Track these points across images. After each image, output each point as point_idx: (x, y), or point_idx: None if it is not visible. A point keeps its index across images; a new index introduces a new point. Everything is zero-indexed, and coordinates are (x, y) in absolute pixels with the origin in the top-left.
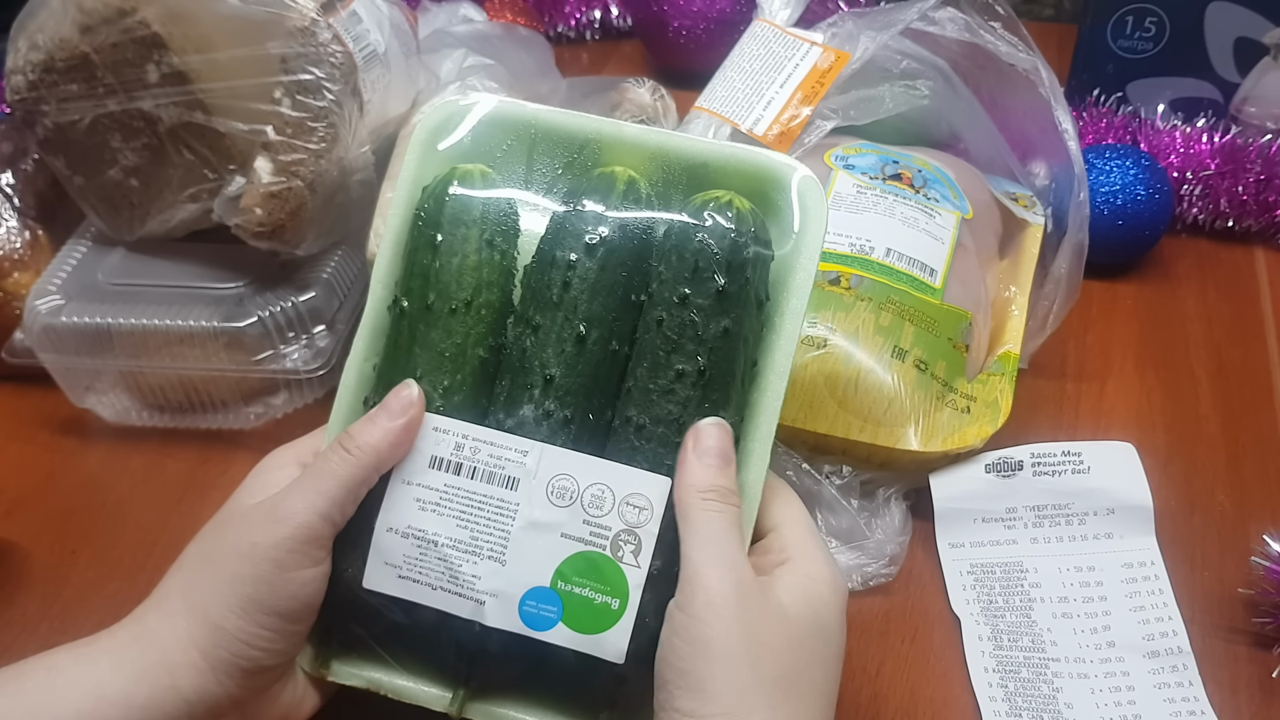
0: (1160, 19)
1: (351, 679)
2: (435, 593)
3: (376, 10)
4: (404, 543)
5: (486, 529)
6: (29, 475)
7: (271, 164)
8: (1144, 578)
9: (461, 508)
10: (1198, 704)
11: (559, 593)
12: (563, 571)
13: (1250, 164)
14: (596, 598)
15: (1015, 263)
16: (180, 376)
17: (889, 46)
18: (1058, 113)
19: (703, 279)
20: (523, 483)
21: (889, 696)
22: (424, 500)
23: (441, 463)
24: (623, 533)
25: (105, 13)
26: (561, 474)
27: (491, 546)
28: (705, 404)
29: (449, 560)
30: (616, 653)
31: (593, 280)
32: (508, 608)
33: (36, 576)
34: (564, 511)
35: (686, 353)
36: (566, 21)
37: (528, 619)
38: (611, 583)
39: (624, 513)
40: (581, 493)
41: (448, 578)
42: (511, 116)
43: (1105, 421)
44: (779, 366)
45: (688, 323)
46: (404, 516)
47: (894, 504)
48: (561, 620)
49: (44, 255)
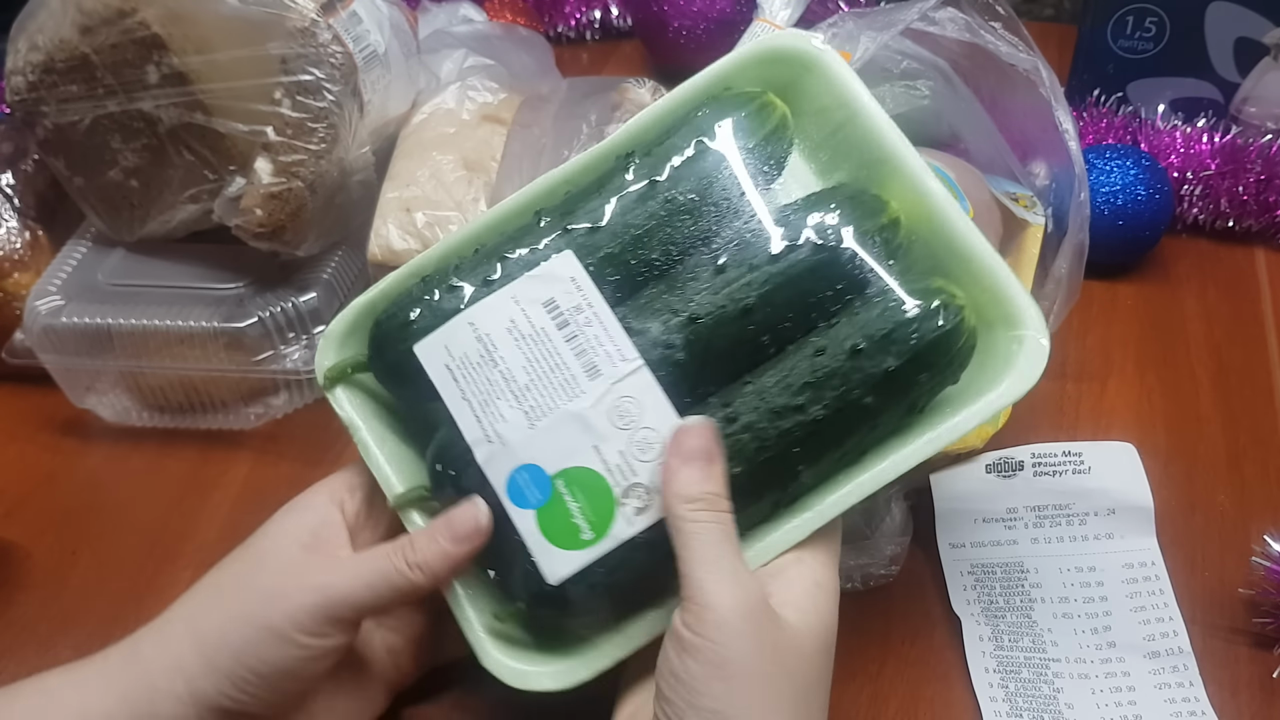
0: (1160, 19)
1: (341, 406)
2: (461, 401)
3: (376, 11)
4: (474, 344)
5: (543, 390)
6: (29, 475)
7: (272, 165)
8: (1144, 578)
9: (539, 356)
10: (1198, 704)
11: (553, 487)
12: (570, 474)
13: (1250, 164)
14: (578, 517)
15: (1015, 263)
16: (180, 377)
17: (889, 46)
18: (1058, 113)
19: (884, 348)
20: (602, 379)
21: (889, 697)
22: (517, 326)
23: (555, 311)
24: (641, 487)
25: (105, 14)
26: (635, 399)
27: (535, 405)
28: (795, 447)
29: (494, 387)
30: (554, 574)
31: (796, 274)
32: (503, 462)
33: (36, 577)
34: (612, 430)
35: (818, 395)
36: (566, 21)
37: (511, 485)
38: (599, 517)
39: (656, 473)
40: (638, 427)
41: (481, 399)
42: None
43: (1106, 422)
44: (882, 469)
45: (840, 371)
46: (491, 324)
47: (894, 504)
48: (536, 510)
49: (44, 256)
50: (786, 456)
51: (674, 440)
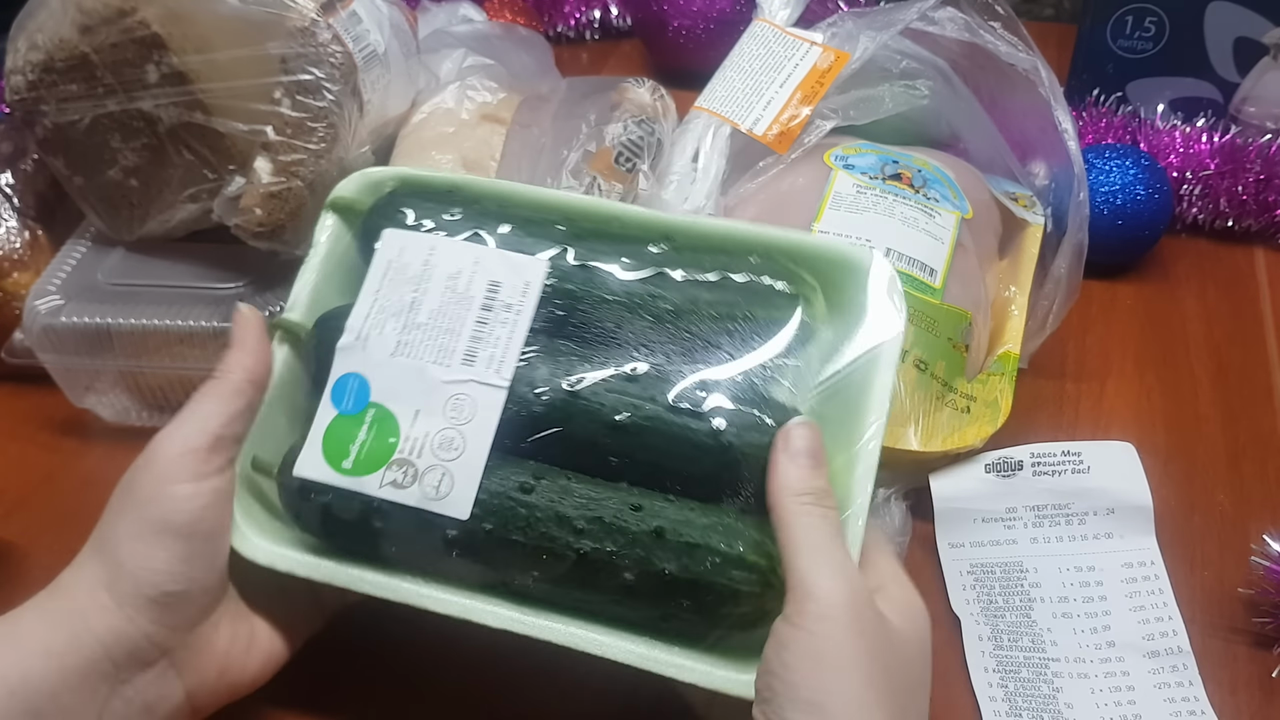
0: (1160, 19)
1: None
2: (371, 294)
3: (376, 10)
4: (419, 265)
5: (426, 338)
6: (29, 475)
7: (271, 164)
8: (1144, 577)
9: (448, 314)
10: (1198, 704)
11: (363, 411)
12: (382, 411)
13: (1250, 164)
14: (354, 446)
15: (1015, 263)
16: (180, 376)
17: (889, 46)
18: (1057, 112)
19: (679, 555)
20: (469, 370)
21: None
22: (457, 280)
23: (492, 293)
24: (413, 469)
25: (105, 13)
26: (474, 408)
27: (410, 344)
28: (543, 555)
29: (399, 305)
30: (301, 469)
31: (675, 435)
32: (350, 360)
33: (36, 577)
34: (440, 411)
35: (595, 536)
36: (566, 21)
37: (340, 381)
38: (368, 462)
39: (434, 473)
40: (456, 427)
41: (382, 305)
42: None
43: (1105, 421)
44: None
45: (630, 533)
46: (443, 262)
47: (894, 504)
48: (337, 415)
49: (44, 255)
50: (530, 556)
51: (781, 437)
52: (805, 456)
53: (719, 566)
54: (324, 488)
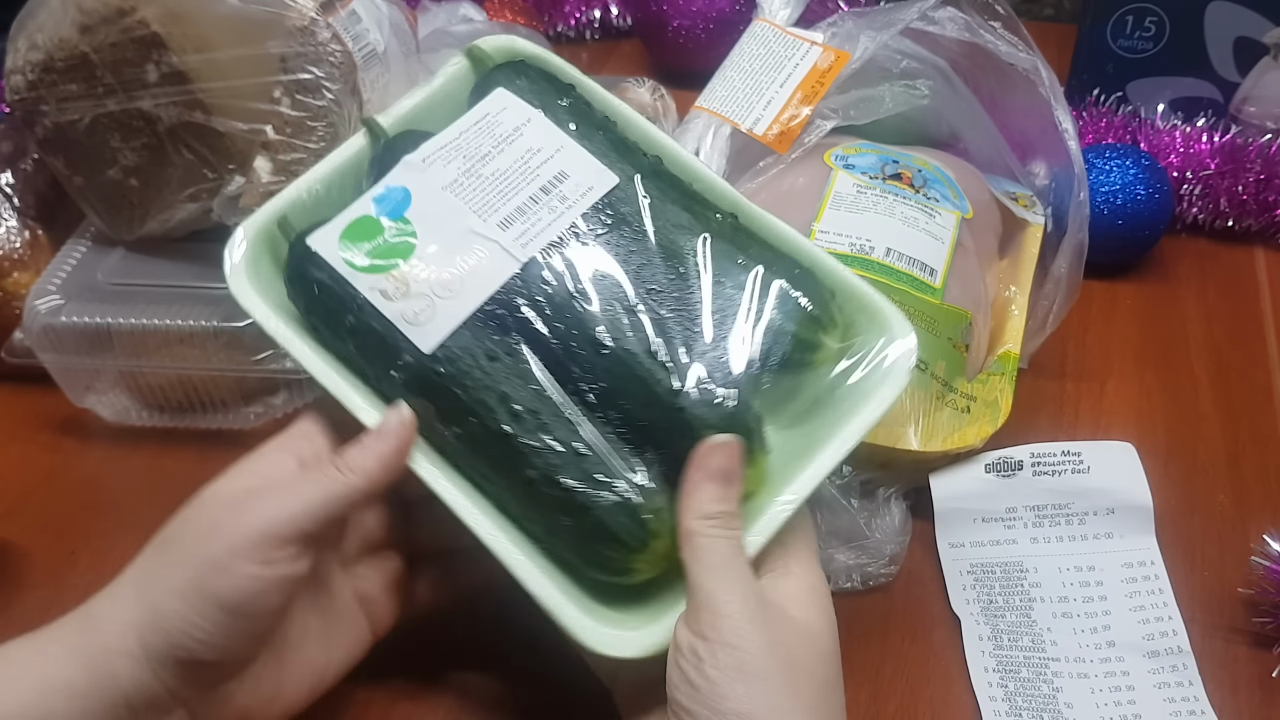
0: (1160, 19)
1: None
2: (451, 129)
3: (376, 10)
4: (510, 128)
5: (480, 187)
6: (29, 475)
7: (271, 163)
8: (1144, 577)
9: (511, 178)
10: (1197, 704)
11: (398, 218)
12: (404, 228)
13: (1250, 164)
14: (376, 241)
15: (1015, 262)
16: (180, 376)
17: (889, 46)
18: (1058, 112)
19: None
20: (498, 234)
21: (889, 696)
22: (533, 154)
23: (558, 182)
24: (419, 301)
25: (105, 12)
26: (480, 265)
27: (463, 185)
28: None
29: (472, 150)
30: (319, 243)
31: (626, 373)
32: (406, 176)
33: (36, 576)
34: (452, 250)
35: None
36: (566, 21)
37: (393, 186)
38: (378, 260)
39: (421, 302)
40: (456, 273)
41: (457, 147)
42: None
43: (1105, 421)
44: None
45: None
46: (533, 134)
47: (894, 504)
48: (374, 210)
49: (44, 255)
50: (461, 413)
51: (699, 454)
52: (719, 478)
53: (616, 506)
54: (324, 266)
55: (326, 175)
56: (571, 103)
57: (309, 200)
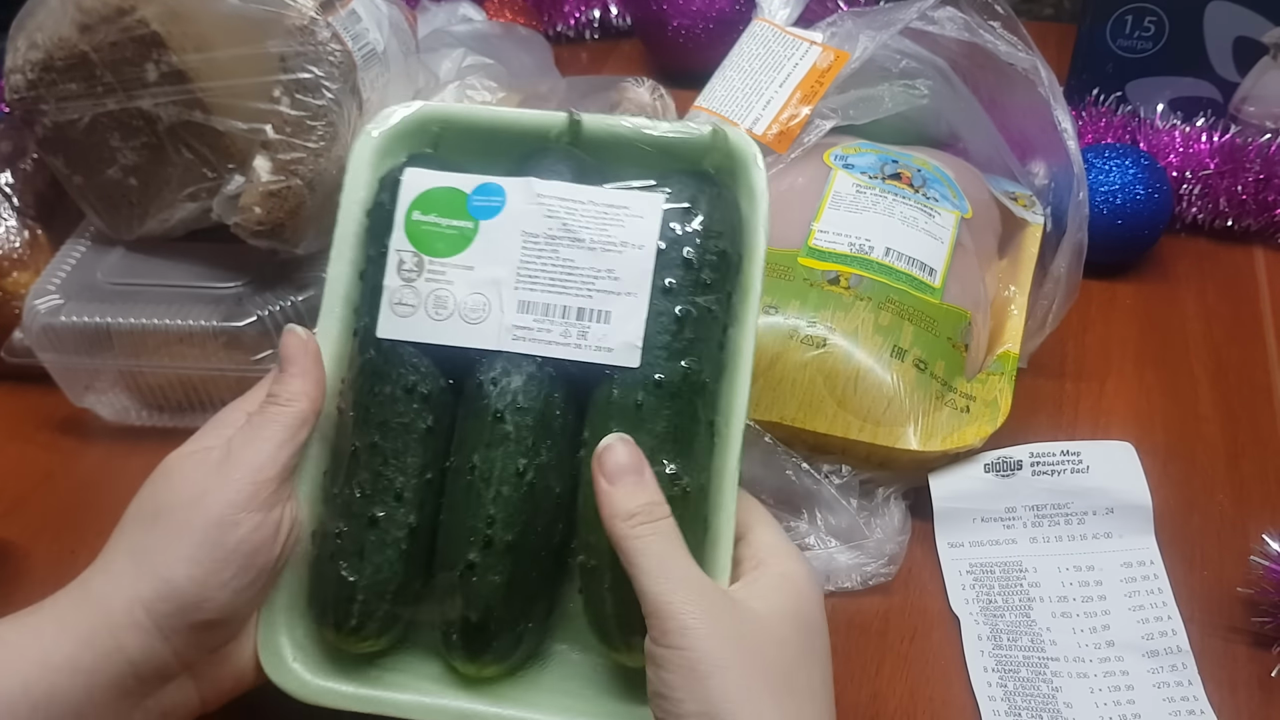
0: (1159, 18)
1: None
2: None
3: (375, 9)
4: None
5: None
6: (28, 475)
7: (270, 162)
8: (1143, 577)
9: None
10: (1197, 703)
11: (493, 212)
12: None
13: (1249, 163)
14: (444, 229)
15: (1014, 262)
16: (180, 376)
17: (888, 46)
18: (1057, 112)
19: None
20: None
21: (888, 696)
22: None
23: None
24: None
25: (104, 11)
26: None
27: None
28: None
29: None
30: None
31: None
32: (526, 188)
33: (36, 576)
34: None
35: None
36: (566, 21)
37: (491, 182)
38: (444, 248)
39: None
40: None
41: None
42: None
43: (1104, 421)
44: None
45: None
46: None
47: (893, 503)
48: (468, 206)
49: (43, 255)
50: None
51: (596, 462)
52: (626, 474)
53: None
54: (394, 197)
55: (509, 121)
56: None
57: (472, 122)
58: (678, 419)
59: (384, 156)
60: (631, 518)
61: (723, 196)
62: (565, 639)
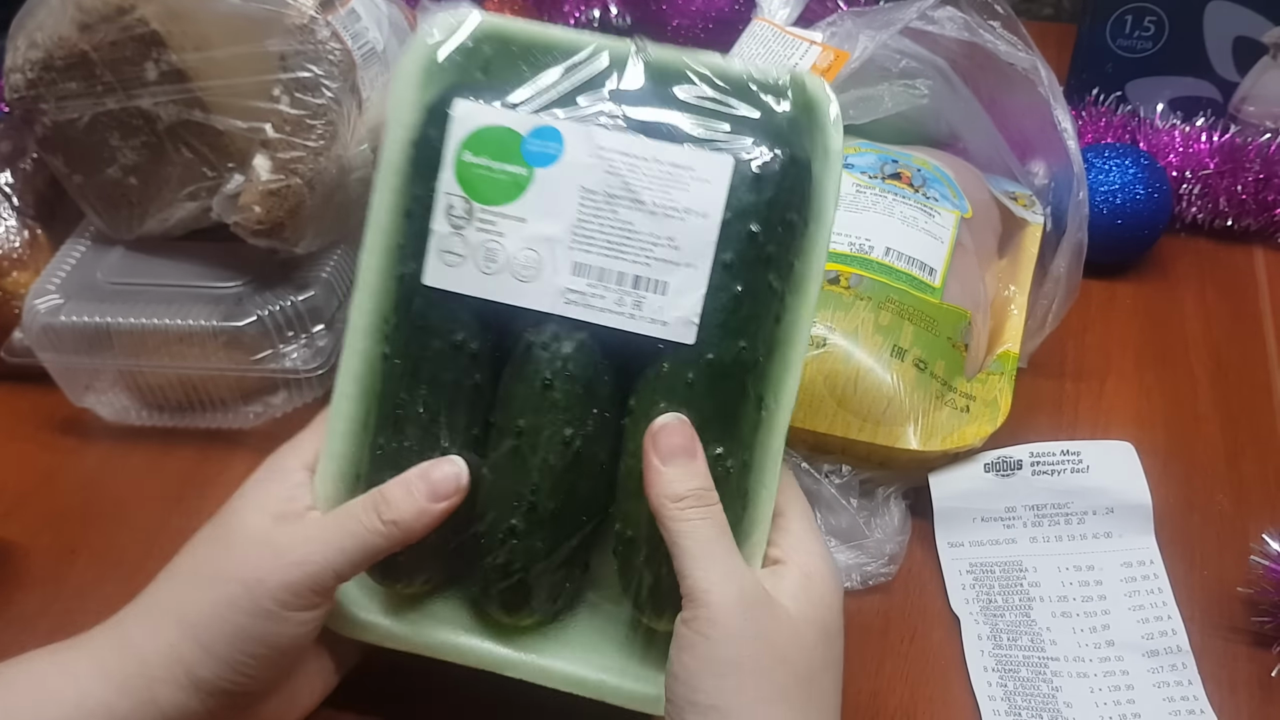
0: (1159, 18)
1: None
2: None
3: (375, 8)
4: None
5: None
6: (28, 475)
7: (270, 162)
8: (1143, 577)
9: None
10: (1197, 703)
11: (548, 160)
12: (549, 181)
13: (1249, 163)
14: (498, 173)
15: (1014, 262)
16: (180, 376)
17: (888, 45)
18: (1057, 112)
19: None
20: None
21: (888, 695)
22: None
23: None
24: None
25: (104, 10)
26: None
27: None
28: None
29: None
30: (455, 131)
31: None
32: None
33: (36, 576)
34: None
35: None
36: (566, 20)
37: (546, 126)
38: (498, 195)
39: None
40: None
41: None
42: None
43: (1104, 421)
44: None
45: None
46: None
47: (893, 503)
48: (522, 147)
49: (43, 254)
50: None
51: (651, 439)
52: (679, 456)
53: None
54: (441, 133)
55: (571, 43)
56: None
57: (531, 42)
58: (727, 399)
59: (435, 77)
60: (681, 500)
61: (796, 161)
62: (598, 589)
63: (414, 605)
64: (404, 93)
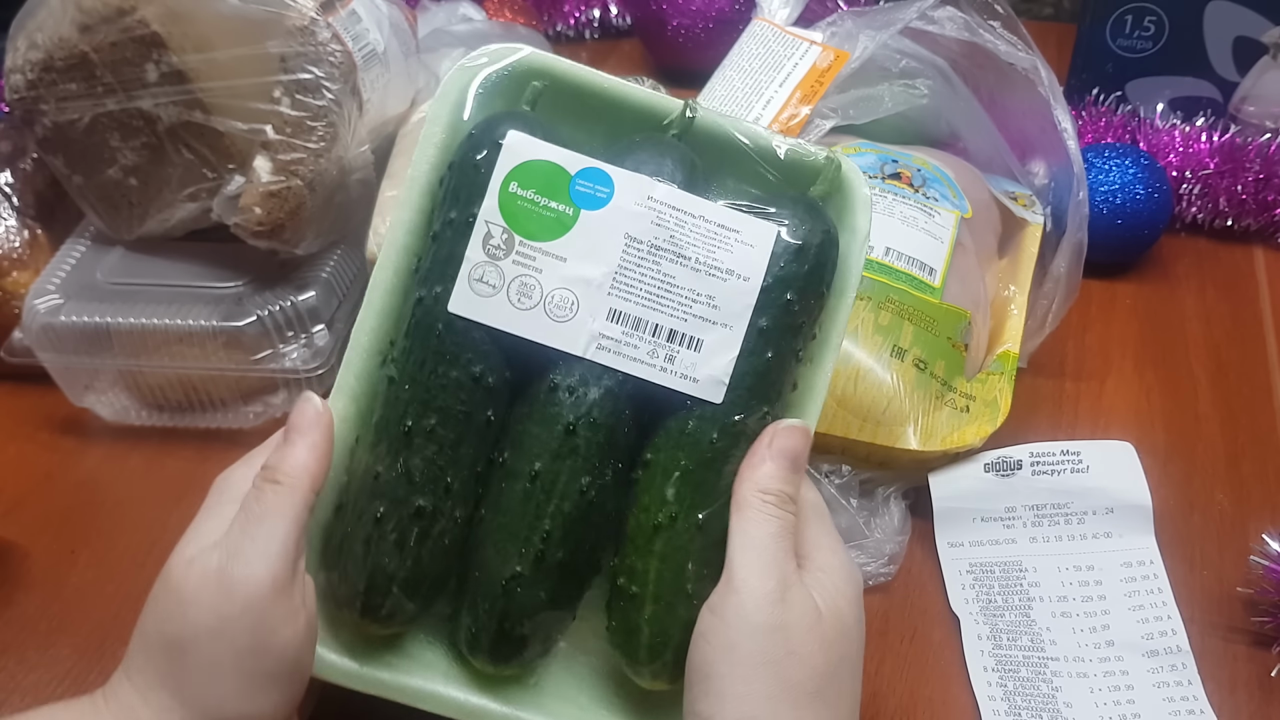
0: (1159, 18)
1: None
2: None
3: (376, 9)
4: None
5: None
6: (28, 475)
7: (271, 163)
8: (1143, 577)
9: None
10: (1196, 703)
11: (593, 199)
12: (596, 228)
13: (1249, 163)
14: (545, 213)
15: (1014, 262)
16: (179, 376)
17: (888, 45)
18: (1057, 112)
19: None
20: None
21: (888, 695)
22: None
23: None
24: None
25: (104, 12)
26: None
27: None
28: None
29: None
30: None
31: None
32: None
33: (36, 576)
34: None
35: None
36: (566, 20)
37: (595, 167)
38: (543, 231)
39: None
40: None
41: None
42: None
43: (1104, 421)
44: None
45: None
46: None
47: (893, 503)
48: (570, 192)
49: (43, 254)
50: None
51: (769, 431)
52: (786, 458)
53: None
54: (491, 158)
55: (620, 95)
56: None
57: (581, 87)
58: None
59: (472, 100)
60: (767, 494)
61: (830, 237)
62: (568, 637)
63: (383, 645)
64: (442, 113)
